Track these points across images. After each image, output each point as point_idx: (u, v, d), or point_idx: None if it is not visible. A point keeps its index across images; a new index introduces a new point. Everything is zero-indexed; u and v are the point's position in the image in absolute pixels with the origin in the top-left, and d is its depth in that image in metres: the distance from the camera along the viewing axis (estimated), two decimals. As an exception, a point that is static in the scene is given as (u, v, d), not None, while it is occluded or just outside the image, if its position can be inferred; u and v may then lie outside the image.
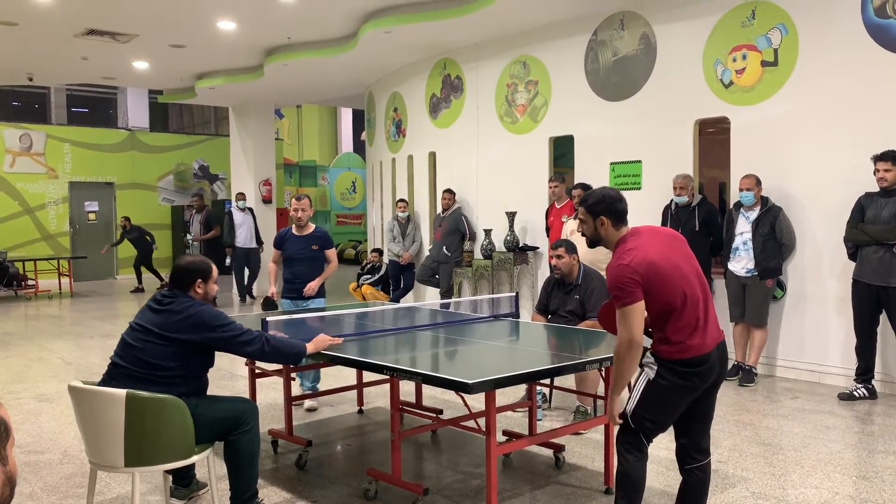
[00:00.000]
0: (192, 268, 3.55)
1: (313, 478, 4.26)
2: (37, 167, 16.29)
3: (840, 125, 6.10)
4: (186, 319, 3.37)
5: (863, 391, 5.70)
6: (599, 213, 3.03)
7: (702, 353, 2.92)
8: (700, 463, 3.08)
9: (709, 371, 2.96)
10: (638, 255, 2.88)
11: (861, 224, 5.60)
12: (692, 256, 3.04)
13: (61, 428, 5.28)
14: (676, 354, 2.93)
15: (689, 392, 2.96)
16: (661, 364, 2.95)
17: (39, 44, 9.77)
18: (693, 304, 2.92)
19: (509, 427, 4.84)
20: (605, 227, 3.03)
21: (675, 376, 2.93)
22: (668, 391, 2.95)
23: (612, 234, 3.03)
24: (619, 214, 3.03)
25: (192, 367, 3.43)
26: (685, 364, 2.93)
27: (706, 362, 2.94)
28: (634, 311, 2.84)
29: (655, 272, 2.86)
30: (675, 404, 2.99)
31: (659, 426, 3.02)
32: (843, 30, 6.02)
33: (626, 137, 7.62)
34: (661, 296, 2.87)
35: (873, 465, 4.34)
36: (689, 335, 2.91)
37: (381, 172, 11.97)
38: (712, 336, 2.98)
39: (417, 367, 3.52)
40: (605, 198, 3.04)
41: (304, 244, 5.79)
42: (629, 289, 2.83)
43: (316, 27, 9.17)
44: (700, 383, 2.96)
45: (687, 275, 2.94)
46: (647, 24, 7.38)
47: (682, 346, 2.91)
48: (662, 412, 2.99)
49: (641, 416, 2.98)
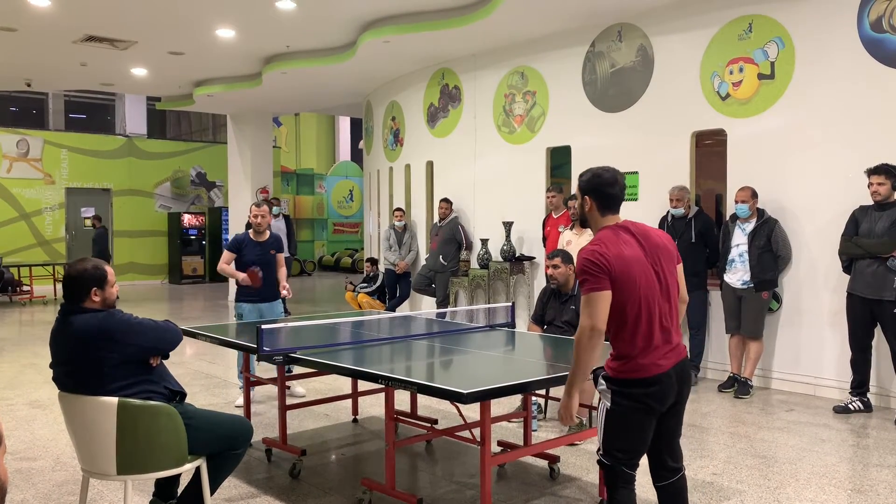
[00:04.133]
0: (86, 276, 3.22)
1: (307, 487, 4.24)
2: (33, 173, 16.28)
3: (836, 138, 6.13)
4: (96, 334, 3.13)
5: (858, 404, 5.70)
6: (585, 193, 2.91)
7: (653, 373, 2.77)
8: (672, 479, 2.97)
9: (665, 392, 2.81)
10: (615, 249, 2.76)
11: (855, 237, 5.62)
12: (671, 272, 2.88)
13: (54, 435, 5.25)
14: (627, 373, 2.79)
15: (649, 413, 2.83)
16: (615, 387, 2.82)
17: (38, 49, 9.77)
18: (649, 320, 2.77)
19: (504, 437, 4.83)
20: (589, 209, 2.91)
21: (630, 399, 2.79)
22: (629, 416, 2.81)
23: (596, 219, 2.91)
24: (606, 199, 2.87)
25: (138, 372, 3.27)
26: (637, 384, 2.78)
27: (660, 383, 2.79)
28: (600, 299, 2.71)
29: (622, 271, 2.73)
30: (641, 428, 2.85)
31: (632, 454, 2.88)
32: (840, 44, 6.05)
33: (623, 148, 7.64)
34: (619, 300, 2.73)
35: (868, 478, 4.33)
36: (639, 352, 2.77)
37: (379, 181, 11.97)
38: (669, 357, 2.82)
39: (413, 377, 3.51)
40: (595, 178, 2.90)
41: (262, 250, 5.99)
42: (597, 275, 2.71)
43: (315, 36, 9.19)
44: (657, 405, 2.82)
45: (652, 285, 2.79)
46: (645, 35, 7.42)
47: (631, 362, 2.78)
48: (629, 438, 2.85)
49: (612, 451, 2.86)
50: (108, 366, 3.15)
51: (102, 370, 3.14)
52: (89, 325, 3.16)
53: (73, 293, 3.24)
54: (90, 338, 3.14)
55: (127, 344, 3.18)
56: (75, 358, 3.17)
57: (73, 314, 3.22)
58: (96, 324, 3.16)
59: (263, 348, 4.02)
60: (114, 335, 3.15)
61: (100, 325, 3.16)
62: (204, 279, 17.86)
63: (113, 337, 3.15)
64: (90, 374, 3.14)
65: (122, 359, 3.18)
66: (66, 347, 3.19)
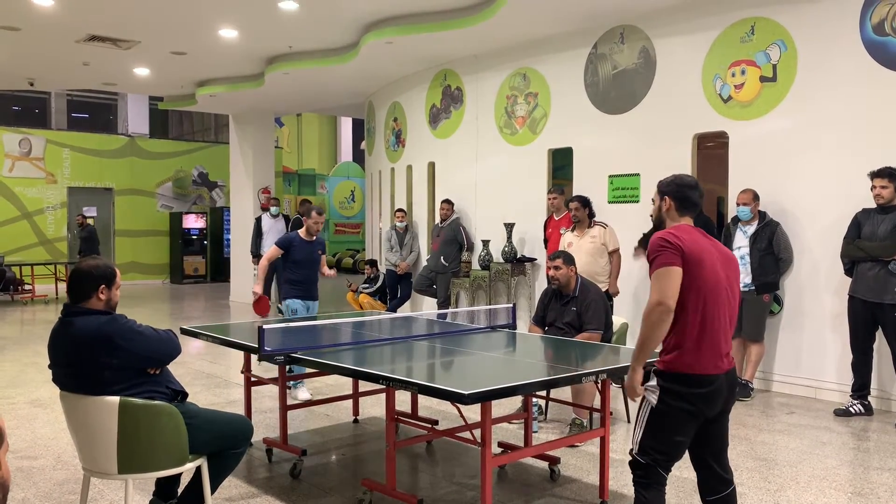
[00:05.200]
0: (97, 272, 3.22)
1: (307, 487, 4.24)
2: (36, 172, 16.30)
3: (838, 141, 6.13)
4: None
5: (859, 407, 5.70)
6: (666, 193, 2.97)
7: (707, 372, 2.78)
8: (723, 494, 2.93)
9: (715, 395, 2.81)
10: (689, 236, 2.81)
11: (857, 240, 5.62)
12: (736, 285, 2.92)
13: (55, 434, 5.26)
14: (680, 367, 2.77)
15: (695, 417, 2.80)
16: (664, 383, 2.80)
17: (41, 49, 9.79)
18: (711, 316, 2.78)
19: (505, 439, 4.83)
20: (668, 209, 2.97)
21: (678, 399, 2.77)
22: (673, 417, 2.79)
23: (673, 220, 2.96)
24: (684, 201, 2.95)
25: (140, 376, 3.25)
26: (689, 381, 2.77)
27: (712, 384, 2.79)
28: (669, 274, 2.72)
29: (696, 260, 2.76)
30: (682, 431, 2.82)
31: (670, 456, 2.84)
32: (842, 47, 6.05)
33: (625, 150, 7.65)
34: (686, 284, 2.74)
35: (869, 481, 4.33)
36: (693, 346, 2.76)
37: (381, 182, 11.98)
38: (723, 361, 2.83)
39: (413, 377, 3.51)
40: (677, 179, 3.01)
41: (311, 249, 6.44)
42: (668, 252, 2.74)
43: (317, 36, 9.20)
44: (705, 408, 2.80)
45: (720, 287, 2.81)
46: (647, 38, 7.42)
47: (685, 356, 2.76)
48: (670, 441, 2.82)
49: (649, 448, 2.83)
50: (109, 369, 3.13)
51: (103, 374, 3.13)
52: (90, 327, 3.13)
53: (79, 290, 3.21)
54: (90, 341, 3.12)
55: (127, 351, 3.15)
56: (75, 360, 3.15)
57: (75, 315, 3.19)
58: (97, 327, 3.14)
59: (265, 348, 4.02)
60: (114, 341, 3.13)
61: (101, 329, 3.13)
62: (205, 279, 17.88)
63: (114, 342, 3.12)
64: (90, 377, 3.14)
65: (122, 364, 3.16)
66: (66, 349, 3.18)
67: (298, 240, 6.39)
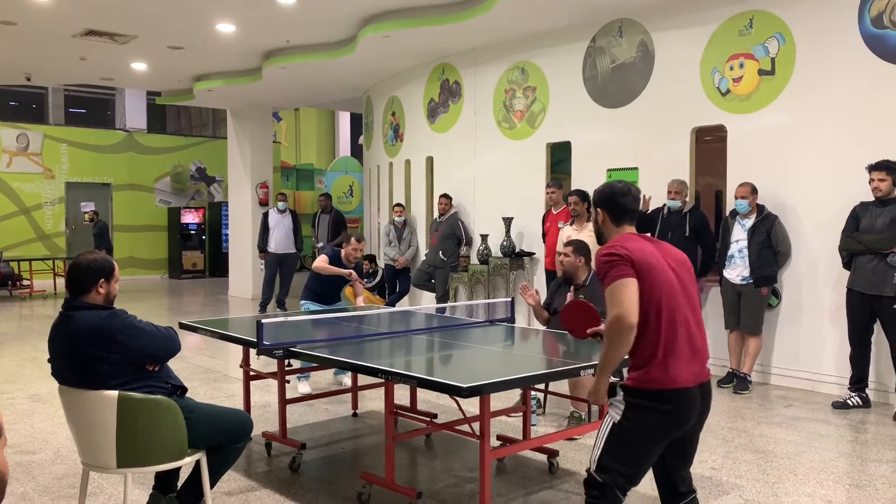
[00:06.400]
0: (95, 266, 3.20)
1: (307, 481, 4.25)
2: (33, 167, 16.27)
3: (836, 134, 6.13)
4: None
5: (856, 400, 5.71)
6: (598, 205, 2.84)
7: (677, 385, 2.56)
8: (684, 501, 2.76)
9: (686, 411, 2.61)
10: (634, 244, 2.65)
11: (855, 233, 5.62)
12: (694, 285, 2.75)
13: (54, 428, 5.26)
14: (646, 384, 2.58)
15: (662, 435, 2.60)
16: (630, 399, 2.60)
17: (38, 43, 9.76)
18: (672, 324, 2.59)
19: (503, 432, 4.84)
20: (603, 221, 2.83)
21: (644, 416, 2.57)
22: (637, 435, 2.59)
23: (610, 231, 2.82)
24: (617, 209, 2.79)
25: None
26: (656, 398, 2.56)
27: (682, 399, 2.58)
28: (624, 286, 2.54)
29: (647, 268, 2.59)
30: (647, 450, 2.61)
31: (630, 477, 2.63)
32: (840, 39, 6.05)
33: (624, 144, 7.64)
34: (643, 297, 2.57)
35: (866, 473, 4.35)
36: (661, 360, 2.56)
37: (379, 176, 11.97)
38: (695, 372, 2.63)
39: (412, 371, 3.51)
40: (606, 188, 2.85)
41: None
42: (618, 264, 2.57)
43: (315, 31, 9.18)
44: (674, 425, 2.60)
45: (678, 293, 2.63)
46: (646, 31, 7.41)
47: (652, 371, 2.57)
48: (631, 461, 2.61)
49: (609, 467, 2.62)
50: (108, 364, 3.13)
51: (102, 368, 3.12)
52: (91, 322, 3.13)
53: (78, 283, 3.20)
54: (91, 336, 3.11)
55: (128, 347, 3.15)
56: (75, 355, 3.14)
57: (75, 309, 3.19)
58: (98, 322, 3.13)
59: (263, 342, 4.02)
60: (115, 336, 3.12)
61: (102, 325, 3.12)
62: (204, 274, 17.86)
63: (114, 338, 3.12)
64: (90, 372, 3.13)
65: (122, 360, 3.15)
66: (66, 344, 3.18)
67: (338, 261, 6.28)
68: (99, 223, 14.35)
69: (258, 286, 12.73)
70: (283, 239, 11.34)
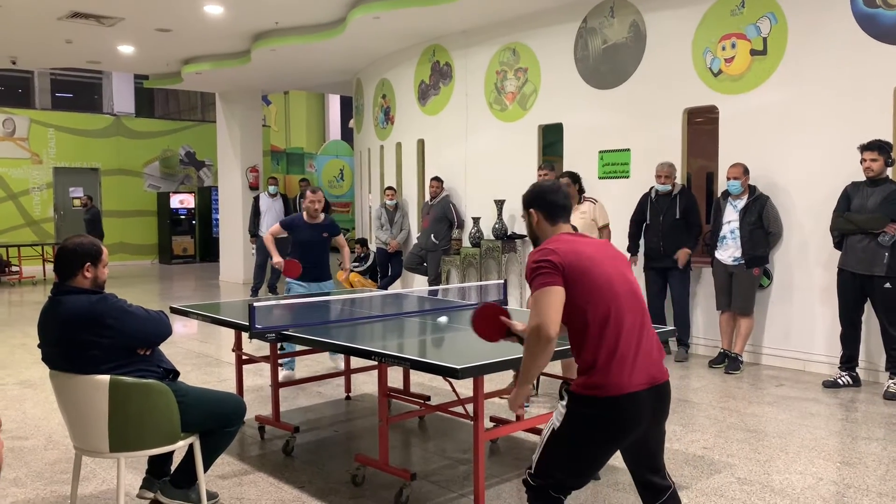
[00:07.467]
0: (81, 250, 3.17)
1: (300, 464, 4.25)
2: (20, 152, 16.11)
3: (828, 115, 6.12)
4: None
5: (847, 379, 5.75)
6: (529, 206, 2.75)
7: (621, 391, 2.42)
8: (662, 500, 2.65)
9: (634, 417, 2.45)
10: (568, 246, 2.54)
11: (847, 213, 5.63)
12: (635, 282, 2.63)
13: (45, 414, 5.24)
14: (589, 390, 2.45)
15: (606, 442, 2.48)
16: (570, 405, 2.49)
17: (23, 26, 9.62)
18: (616, 325, 2.46)
19: (497, 413, 4.84)
20: (537, 222, 2.73)
21: (583, 424, 2.46)
22: (577, 442, 2.47)
23: (545, 231, 2.71)
24: (550, 207, 2.71)
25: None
26: (596, 405, 2.43)
27: (627, 406, 2.43)
28: (548, 295, 2.43)
29: (581, 270, 2.48)
30: (587, 458, 2.50)
31: (566, 486, 2.55)
32: (833, 19, 6.03)
33: (616, 126, 7.62)
34: (579, 302, 2.47)
35: (856, 451, 4.38)
36: (605, 364, 2.44)
37: (370, 160, 11.91)
38: (645, 374, 2.48)
39: (405, 353, 3.51)
40: (535, 188, 2.79)
41: (315, 232, 6.18)
42: (546, 271, 2.46)
43: (304, 12, 9.08)
44: (618, 432, 2.45)
45: (618, 293, 2.51)
46: (637, 11, 7.36)
47: (596, 376, 2.45)
48: (571, 468, 2.51)
49: (545, 473, 2.54)
50: (99, 348, 3.11)
51: (93, 353, 3.10)
52: (81, 307, 3.11)
53: (65, 267, 3.18)
54: (81, 320, 3.09)
55: (118, 330, 3.13)
56: (66, 340, 3.12)
57: (64, 294, 3.17)
58: (88, 306, 3.11)
59: (256, 326, 4.01)
60: (105, 320, 3.10)
61: (91, 308, 3.11)
62: (194, 259, 17.79)
63: (104, 322, 3.10)
64: (80, 356, 3.11)
65: (113, 344, 3.14)
66: (56, 328, 3.15)
67: (300, 221, 6.17)
68: (91, 209, 14.23)
69: (249, 271, 12.70)
70: (274, 223, 11.25)
